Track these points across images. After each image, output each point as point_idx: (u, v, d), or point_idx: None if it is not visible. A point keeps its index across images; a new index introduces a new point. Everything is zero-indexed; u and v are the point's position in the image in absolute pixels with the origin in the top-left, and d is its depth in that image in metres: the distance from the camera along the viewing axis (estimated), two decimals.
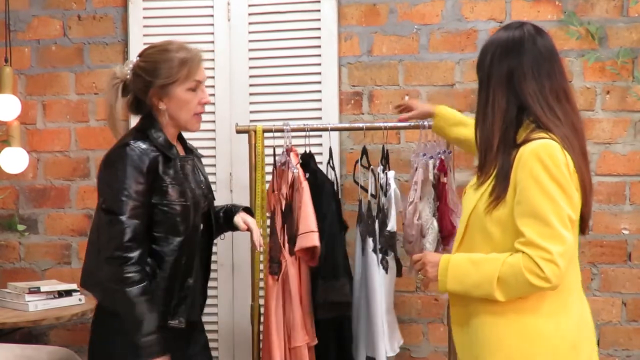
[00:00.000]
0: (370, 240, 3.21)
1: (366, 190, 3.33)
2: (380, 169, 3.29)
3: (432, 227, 3.15)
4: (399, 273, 3.32)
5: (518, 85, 2.19)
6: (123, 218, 2.47)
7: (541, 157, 2.10)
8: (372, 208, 3.26)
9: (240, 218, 2.82)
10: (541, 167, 2.09)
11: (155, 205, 2.54)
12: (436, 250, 3.18)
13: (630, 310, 3.68)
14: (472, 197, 2.24)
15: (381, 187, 3.24)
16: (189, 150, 2.76)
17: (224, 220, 2.87)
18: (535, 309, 2.15)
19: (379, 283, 3.17)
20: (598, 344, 3.67)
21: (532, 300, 2.14)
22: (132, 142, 2.55)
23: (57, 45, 4.01)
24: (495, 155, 2.19)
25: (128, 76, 2.64)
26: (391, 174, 3.25)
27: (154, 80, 2.58)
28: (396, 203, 3.21)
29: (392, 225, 3.17)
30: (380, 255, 3.18)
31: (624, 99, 3.65)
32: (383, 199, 3.22)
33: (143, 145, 2.55)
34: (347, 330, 3.28)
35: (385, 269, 3.18)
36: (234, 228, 2.87)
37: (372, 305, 3.18)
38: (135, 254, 2.47)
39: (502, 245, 2.16)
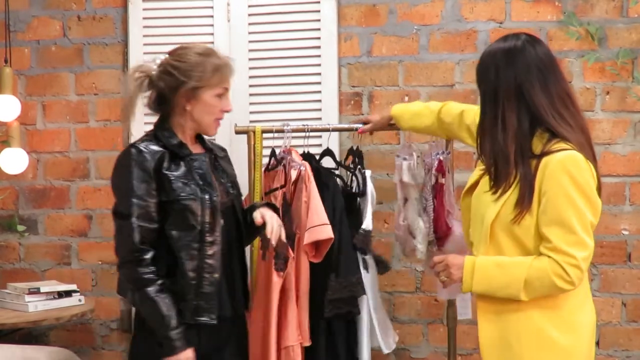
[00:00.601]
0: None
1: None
2: (354, 169, 3.30)
3: (419, 227, 3.14)
4: (382, 271, 3.31)
5: (529, 97, 2.25)
6: (132, 220, 2.51)
7: (568, 168, 2.20)
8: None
9: (258, 212, 2.76)
10: (568, 179, 2.20)
11: (165, 203, 2.56)
12: (429, 251, 3.17)
13: (630, 310, 3.67)
14: (492, 206, 2.29)
15: (358, 187, 3.25)
16: (209, 149, 2.77)
17: (250, 217, 2.85)
18: (568, 303, 2.29)
19: (364, 282, 3.16)
20: (598, 344, 3.68)
21: (563, 295, 2.27)
22: (138, 143, 2.62)
23: (57, 45, 4.01)
24: (514, 167, 2.25)
25: (153, 72, 2.66)
26: (367, 173, 3.25)
27: (188, 81, 2.60)
28: (372, 202, 3.20)
29: (366, 224, 3.15)
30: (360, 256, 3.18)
31: (624, 99, 3.65)
32: (359, 199, 3.22)
33: (150, 146, 2.59)
34: (353, 330, 3.26)
35: (366, 268, 3.17)
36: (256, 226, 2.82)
37: (362, 304, 3.17)
38: (148, 256, 2.51)
39: (534, 249, 2.27)
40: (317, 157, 3.40)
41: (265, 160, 3.36)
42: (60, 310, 3.58)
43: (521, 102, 2.25)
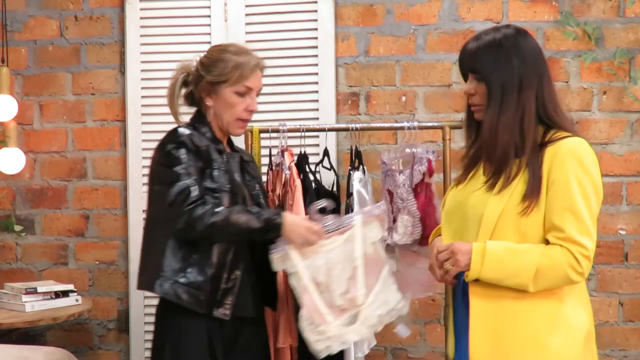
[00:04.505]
0: None
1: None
2: (349, 169, 3.31)
3: (402, 220, 3.12)
4: None
5: (541, 88, 2.23)
6: (182, 180, 2.55)
7: (579, 155, 2.16)
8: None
9: None
10: (579, 165, 2.15)
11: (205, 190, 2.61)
12: (406, 250, 3.16)
13: (627, 310, 3.68)
14: (493, 202, 2.20)
15: (348, 188, 3.27)
16: (237, 152, 2.83)
17: None
18: (563, 300, 2.20)
19: None
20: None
21: (560, 291, 2.20)
22: (182, 127, 2.68)
23: (54, 45, 4.01)
24: (526, 158, 2.19)
25: (192, 69, 2.75)
26: (356, 175, 3.25)
27: (206, 75, 2.69)
28: (361, 203, 3.19)
29: None
30: None
31: (621, 99, 3.65)
32: (347, 200, 3.24)
33: (194, 132, 2.66)
34: None
35: None
36: None
37: None
38: (198, 197, 2.55)
39: (537, 241, 2.19)
40: (319, 158, 3.41)
41: (264, 160, 3.37)
42: (57, 310, 3.57)
43: (538, 92, 2.23)
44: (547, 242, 2.18)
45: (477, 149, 2.32)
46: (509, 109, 2.21)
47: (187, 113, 2.83)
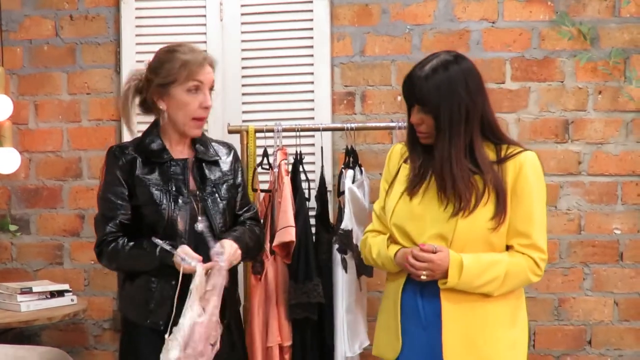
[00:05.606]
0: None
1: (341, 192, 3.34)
2: (342, 167, 3.35)
3: None
4: (369, 273, 3.30)
5: (489, 114, 2.35)
6: (101, 211, 2.64)
7: (538, 168, 2.36)
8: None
9: (218, 243, 2.55)
10: (538, 178, 2.35)
11: (136, 207, 2.59)
12: None
13: (622, 309, 3.68)
14: (465, 224, 2.31)
15: (339, 186, 3.29)
16: (202, 153, 2.70)
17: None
18: (520, 297, 2.44)
19: (340, 282, 3.16)
20: (590, 343, 3.69)
21: (518, 290, 2.43)
22: (116, 146, 2.70)
23: (50, 45, 4.00)
24: (489, 176, 2.30)
25: (143, 75, 2.68)
26: (349, 173, 3.26)
27: (155, 78, 2.61)
28: (353, 201, 3.20)
29: (345, 223, 3.16)
30: (340, 255, 3.18)
31: (616, 99, 3.66)
32: (339, 198, 3.25)
33: (125, 151, 2.65)
34: (328, 330, 3.26)
35: (345, 268, 3.17)
36: None
37: (334, 305, 3.17)
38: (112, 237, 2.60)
39: (501, 249, 2.36)
40: (315, 158, 3.42)
41: (258, 160, 3.37)
42: (53, 310, 3.57)
43: (483, 119, 2.33)
44: (508, 246, 2.36)
45: (426, 169, 2.39)
46: (458, 140, 2.30)
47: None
